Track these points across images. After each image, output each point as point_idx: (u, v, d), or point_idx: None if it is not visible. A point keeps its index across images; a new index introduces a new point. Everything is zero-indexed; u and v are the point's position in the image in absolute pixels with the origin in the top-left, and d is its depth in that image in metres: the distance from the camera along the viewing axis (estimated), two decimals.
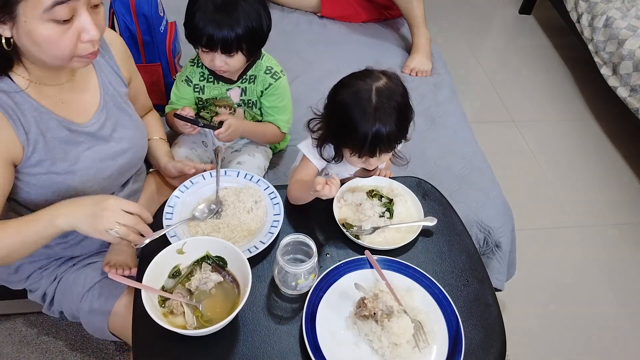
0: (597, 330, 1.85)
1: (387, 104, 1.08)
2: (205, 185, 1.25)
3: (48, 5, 0.84)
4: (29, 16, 0.85)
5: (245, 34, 1.31)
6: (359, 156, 1.13)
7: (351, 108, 1.08)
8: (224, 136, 1.44)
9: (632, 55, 2.32)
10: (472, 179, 1.69)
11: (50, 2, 0.84)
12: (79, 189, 1.09)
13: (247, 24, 1.30)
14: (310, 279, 1.03)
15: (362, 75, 1.13)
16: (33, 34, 0.87)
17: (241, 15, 1.30)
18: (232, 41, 1.31)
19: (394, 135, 1.09)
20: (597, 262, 2.07)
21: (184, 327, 0.94)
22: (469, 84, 2.89)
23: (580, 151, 2.56)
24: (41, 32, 0.87)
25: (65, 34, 0.89)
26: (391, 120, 1.08)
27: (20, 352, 1.61)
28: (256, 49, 1.41)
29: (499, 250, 1.60)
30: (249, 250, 1.10)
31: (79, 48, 0.92)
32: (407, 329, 0.96)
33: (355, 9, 2.33)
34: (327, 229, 1.19)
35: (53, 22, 0.87)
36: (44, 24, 0.87)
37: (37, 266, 1.21)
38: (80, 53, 0.93)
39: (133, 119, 1.23)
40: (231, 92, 1.50)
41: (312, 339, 0.96)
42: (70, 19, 0.88)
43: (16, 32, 0.88)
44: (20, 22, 0.86)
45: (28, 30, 0.87)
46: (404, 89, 1.14)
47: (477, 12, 3.50)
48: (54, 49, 0.90)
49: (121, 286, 1.19)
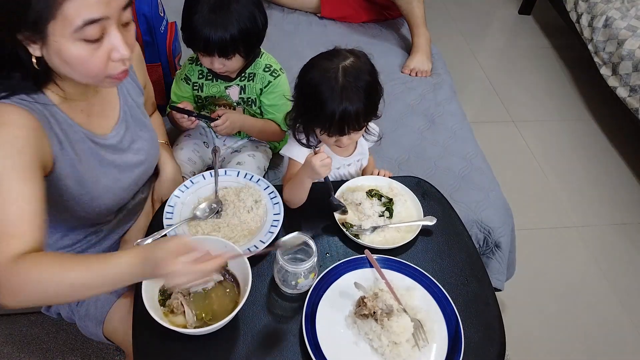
0: (597, 330, 1.85)
1: (354, 82, 1.10)
2: (205, 185, 1.26)
3: (78, 24, 0.83)
4: (58, 35, 0.83)
5: (240, 36, 1.32)
6: (328, 134, 1.15)
7: (319, 87, 1.11)
8: (222, 128, 1.44)
9: (632, 55, 2.33)
10: (472, 179, 1.69)
11: (81, 22, 0.82)
12: (95, 198, 1.09)
13: (240, 26, 1.31)
14: (310, 278, 1.04)
15: (330, 55, 1.15)
16: (63, 53, 0.86)
17: (234, 17, 1.30)
18: (227, 45, 1.32)
19: (362, 113, 1.12)
20: (597, 262, 2.07)
21: (185, 326, 0.95)
22: (469, 84, 2.89)
23: (580, 151, 2.57)
24: (71, 52, 0.86)
25: (95, 53, 0.87)
26: (358, 98, 1.10)
27: (20, 352, 1.61)
28: (253, 49, 1.42)
29: (498, 250, 1.60)
30: (249, 249, 1.10)
31: (109, 67, 0.91)
32: (407, 328, 0.96)
33: (355, 9, 2.34)
34: (327, 228, 1.19)
35: (83, 41, 0.85)
36: (74, 43, 0.85)
37: None
38: (111, 72, 0.92)
39: (149, 130, 1.23)
40: (230, 90, 1.51)
41: (312, 338, 0.96)
42: (101, 38, 0.87)
43: (46, 51, 0.86)
44: (50, 42, 0.84)
45: (58, 50, 0.85)
46: (372, 67, 1.15)
47: (477, 12, 3.50)
48: (85, 69, 0.89)
49: (117, 293, 1.19)
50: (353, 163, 1.33)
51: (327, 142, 1.21)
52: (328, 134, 1.15)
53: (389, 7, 2.33)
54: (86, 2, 0.81)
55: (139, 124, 1.19)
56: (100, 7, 0.83)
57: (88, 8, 0.82)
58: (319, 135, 1.20)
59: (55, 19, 0.81)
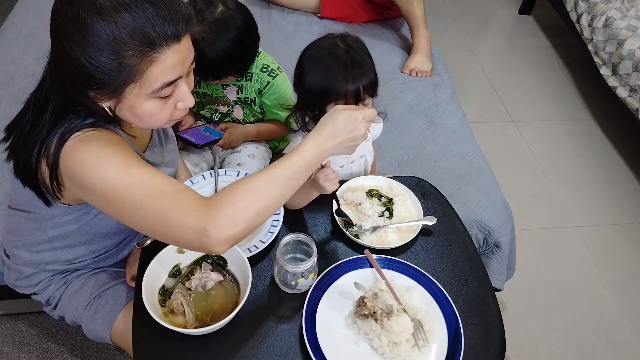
0: (597, 330, 1.85)
1: (358, 48, 1.16)
2: (205, 185, 1.26)
3: (157, 87, 0.85)
4: (134, 96, 0.86)
5: (229, 65, 1.37)
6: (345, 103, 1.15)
7: (325, 61, 1.14)
8: (226, 145, 1.49)
9: (632, 55, 2.33)
10: (472, 179, 1.69)
11: (160, 85, 0.85)
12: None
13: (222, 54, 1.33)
14: (310, 278, 1.04)
15: (325, 38, 1.19)
16: (136, 109, 0.88)
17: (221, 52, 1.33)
18: (217, 74, 1.38)
19: (371, 73, 1.15)
20: (597, 262, 2.07)
21: (184, 326, 0.95)
22: (469, 84, 2.89)
23: (580, 151, 2.56)
24: (144, 108, 0.88)
25: (165, 106, 0.90)
26: (365, 60, 1.14)
27: (20, 352, 1.61)
28: (247, 67, 1.44)
29: (498, 250, 1.60)
30: (249, 249, 1.10)
31: (174, 114, 0.94)
32: (407, 328, 0.96)
33: (355, 9, 2.34)
34: (327, 228, 1.19)
35: (157, 98, 0.88)
36: (148, 101, 0.87)
37: (50, 274, 1.21)
38: (174, 118, 0.95)
39: (172, 141, 1.25)
40: (227, 90, 1.51)
41: (312, 338, 0.96)
42: (172, 93, 0.90)
43: (117, 105, 0.88)
44: (124, 100, 0.87)
45: (132, 107, 0.88)
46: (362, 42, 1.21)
47: (477, 12, 3.50)
48: (154, 120, 0.92)
49: (127, 297, 1.19)
50: (357, 160, 1.32)
51: None
52: (345, 102, 1.15)
53: (389, 7, 2.33)
54: (166, 66, 0.84)
55: (167, 137, 1.21)
56: (177, 69, 0.86)
57: (167, 72, 0.85)
58: None
59: (135, 82, 0.84)
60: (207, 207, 0.84)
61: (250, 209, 0.86)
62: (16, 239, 1.17)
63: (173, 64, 0.85)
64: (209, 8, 1.31)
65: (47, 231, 1.10)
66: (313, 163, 0.93)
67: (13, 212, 1.15)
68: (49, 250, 1.14)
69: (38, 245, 1.14)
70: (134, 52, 0.80)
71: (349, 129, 0.95)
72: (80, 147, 0.87)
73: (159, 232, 0.87)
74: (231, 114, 1.57)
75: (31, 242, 1.14)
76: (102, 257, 1.20)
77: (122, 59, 0.80)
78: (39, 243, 1.14)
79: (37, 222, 1.10)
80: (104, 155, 0.87)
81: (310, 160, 0.92)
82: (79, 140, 0.88)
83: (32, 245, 1.14)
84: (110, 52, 0.79)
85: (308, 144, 0.93)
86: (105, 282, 1.21)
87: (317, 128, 0.96)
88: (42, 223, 1.09)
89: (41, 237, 1.12)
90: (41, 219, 1.08)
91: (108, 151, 0.87)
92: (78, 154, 0.87)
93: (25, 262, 1.18)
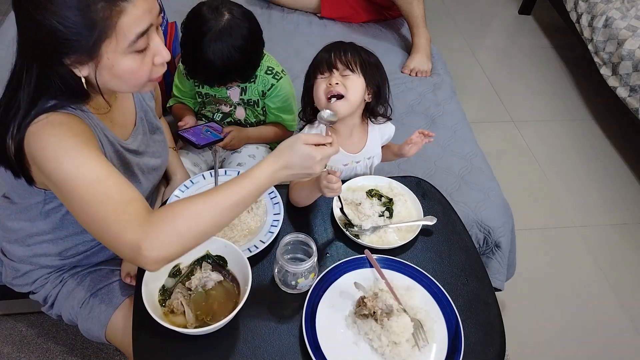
0: (597, 330, 1.85)
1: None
2: (205, 185, 1.26)
3: (132, 39, 0.85)
4: (111, 52, 0.86)
5: (234, 72, 1.37)
6: (321, 72, 1.20)
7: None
8: (228, 147, 1.50)
9: (632, 55, 2.33)
10: (472, 179, 1.69)
11: (134, 36, 0.85)
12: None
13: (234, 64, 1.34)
14: (310, 278, 1.04)
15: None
16: (116, 68, 0.88)
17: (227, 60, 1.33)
18: (223, 80, 1.40)
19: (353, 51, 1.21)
20: (597, 262, 2.07)
21: (185, 326, 0.95)
22: (469, 84, 2.89)
23: (580, 151, 2.57)
24: (124, 66, 0.88)
25: (143, 62, 0.90)
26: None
27: (20, 352, 1.61)
28: (252, 73, 1.45)
29: (498, 250, 1.60)
30: (249, 249, 1.10)
31: (153, 71, 0.93)
32: (407, 328, 0.96)
33: (355, 9, 2.34)
34: (327, 228, 1.19)
35: (134, 53, 0.88)
36: (126, 56, 0.87)
37: (45, 272, 1.21)
38: (153, 76, 0.94)
39: (161, 132, 1.25)
40: (230, 91, 1.51)
41: (312, 338, 0.96)
42: (147, 46, 0.90)
43: (96, 69, 0.88)
44: (102, 60, 0.86)
45: (111, 66, 0.87)
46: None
47: (477, 12, 3.50)
48: (135, 78, 0.92)
49: (122, 296, 1.19)
50: (362, 160, 1.32)
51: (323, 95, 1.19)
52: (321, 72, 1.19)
53: (389, 7, 2.33)
54: (136, 15, 0.84)
55: (153, 128, 1.21)
56: (147, 16, 0.86)
57: (139, 20, 0.85)
58: (320, 96, 1.19)
59: (110, 38, 0.84)
60: (147, 224, 0.83)
61: (189, 234, 0.86)
62: (9, 234, 1.18)
63: (142, 12, 0.85)
64: (216, 16, 1.31)
65: (35, 222, 1.11)
66: (264, 189, 0.93)
67: (4, 205, 1.16)
68: (40, 243, 1.15)
69: (29, 239, 1.15)
70: (103, 4, 0.81)
71: (304, 166, 0.95)
72: (42, 133, 0.87)
73: (99, 238, 0.88)
74: (233, 114, 1.57)
75: (23, 236, 1.15)
76: (94, 251, 1.19)
77: (92, 12, 0.80)
78: (29, 236, 1.14)
79: (22, 213, 1.11)
80: (62, 148, 0.87)
81: (261, 187, 0.92)
82: (42, 125, 0.87)
83: (24, 238, 1.15)
84: (79, 9, 0.80)
85: (261, 171, 0.92)
86: (101, 280, 1.21)
87: (274, 154, 0.95)
88: (27, 214, 1.10)
89: (31, 229, 1.13)
90: (25, 210, 1.10)
91: (67, 144, 0.87)
92: (39, 140, 0.87)
93: (20, 258, 1.19)
